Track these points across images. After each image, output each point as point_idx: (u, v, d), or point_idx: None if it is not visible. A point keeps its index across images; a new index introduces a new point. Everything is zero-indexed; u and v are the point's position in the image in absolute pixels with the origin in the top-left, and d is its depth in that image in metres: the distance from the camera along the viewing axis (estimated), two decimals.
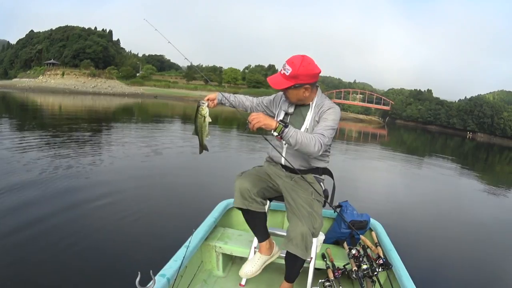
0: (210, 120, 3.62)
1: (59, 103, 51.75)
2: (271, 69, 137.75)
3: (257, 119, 3.14)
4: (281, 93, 3.87)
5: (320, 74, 3.54)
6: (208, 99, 3.87)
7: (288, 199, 3.63)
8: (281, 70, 3.44)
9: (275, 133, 3.16)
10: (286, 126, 3.15)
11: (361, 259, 3.77)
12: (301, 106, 3.68)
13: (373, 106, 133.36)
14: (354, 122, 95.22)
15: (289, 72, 3.35)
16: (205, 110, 3.61)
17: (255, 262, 3.94)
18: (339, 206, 4.75)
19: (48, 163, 11.68)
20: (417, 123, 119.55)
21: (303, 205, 3.46)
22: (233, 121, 35.52)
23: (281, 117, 3.78)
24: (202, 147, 3.75)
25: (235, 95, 4.17)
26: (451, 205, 12.67)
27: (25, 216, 7.17)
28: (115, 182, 10.32)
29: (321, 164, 3.75)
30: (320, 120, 3.47)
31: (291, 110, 3.72)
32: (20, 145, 14.76)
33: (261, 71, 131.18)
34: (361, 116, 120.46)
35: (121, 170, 12.11)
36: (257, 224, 3.93)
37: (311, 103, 3.60)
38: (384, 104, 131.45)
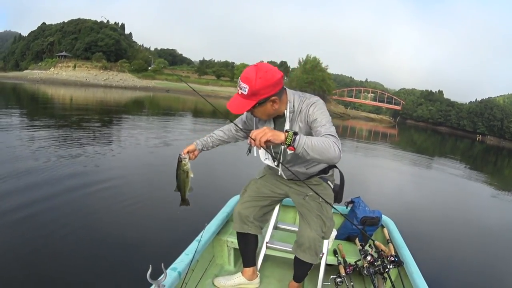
0: (193, 175, 3.42)
1: (70, 95, 52.00)
2: (283, 65, 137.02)
3: (262, 132, 2.58)
4: None
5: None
6: (188, 152, 3.62)
7: (296, 203, 3.62)
8: (238, 90, 2.96)
9: (286, 144, 2.58)
10: (296, 133, 2.59)
11: (372, 255, 3.75)
12: (280, 117, 3.24)
13: (384, 105, 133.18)
14: (365, 121, 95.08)
15: (246, 90, 2.87)
16: (187, 165, 3.45)
17: (232, 278, 4.00)
18: (352, 202, 4.74)
19: (57, 151, 11.78)
20: (427, 124, 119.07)
21: (311, 209, 3.44)
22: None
23: None
24: (184, 202, 3.52)
25: (211, 134, 3.81)
26: (461, 206, 12.74)
27: (32, 204, 7.21)
28: (124, 173, 10.38)
29: (323, 164, 3.49)
30: (311, 122, 3.01)
31: (271, 127, 3.17)
32: (30, 134, 14.90)
33: None
34: (372, 115, 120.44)
35: (130, 161, 12.19)
36: (249, 247, 3.94)
37: (285, 111, 3.14)
38: (395, 104, 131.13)
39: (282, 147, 3.13)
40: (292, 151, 2.61)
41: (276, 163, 3.48)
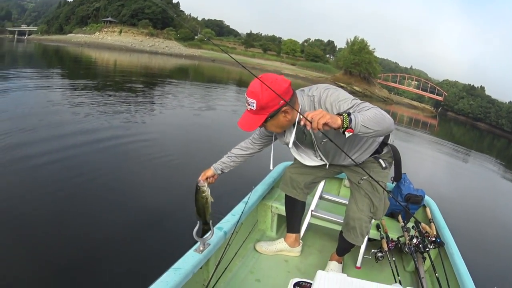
0: (213, 200, 3.26)
1: (114, 58, 52.61)
2: (330, 44, 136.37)
3: (320, 114, 2.39)
4: None
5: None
6: (206, 178, 3.47)
7: (349, 180, 3.55)
8: (246, 106, 2.82)
9: (343, 128, 2.43)
10: (349, 114, 2.45)
11: (414, 233, 3.75)
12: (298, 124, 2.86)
13: (426, 94, 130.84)
14: (407, 107, 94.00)
15: (254, 105, 2.73)
16: (206, 193, 3.29)
17: (274, 244, 4.02)
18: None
19: (98, 107, 12.02)
20: (467, 118, 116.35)
21: (361, 188, 3.36)
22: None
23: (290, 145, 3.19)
24: (207, 225, 3.24)
25: (229, 155, 3.60)
26: (498, 197, 12.87)
27: (71, 152, 7.57)
28: (168, 131, 10.76)
29: (375, 143, 3.31)
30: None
31: (289, 138, 3.09)
32: (70, 91, 15.33)
33: (320, 46, 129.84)
34: (415, 103, 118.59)
35: (175, 120, 12.51)
36: (296, 212, 3.92)
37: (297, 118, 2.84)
38: (437, 94, 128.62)
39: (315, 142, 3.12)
40: (351, 133, 2.45)
41: (319, 158, 3.39)
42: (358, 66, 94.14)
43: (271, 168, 3.41)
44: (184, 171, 7.53)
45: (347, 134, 2.46)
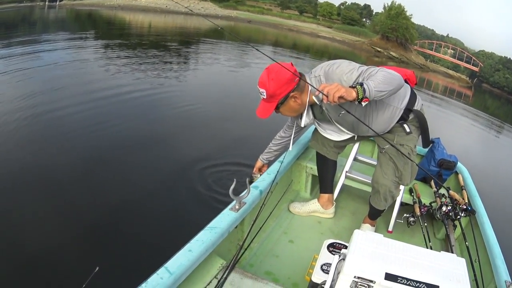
0: None
1: (149, 20, 52.51)
2: (366, 8, 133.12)
3: (336, 87, 2.54)
4: None
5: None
6: (260, 171, 3.97)
7: (377, 145, 3.55)
8: (260, 95, 3.10)
9: (359, 99, 2.58)
10: (361, 84, 2.59)
11: (446, 200, 3.73)
12: (313, 105, 3.30)
13: (462, 64, 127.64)
14: (443, 76, 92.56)
15: (264, 94, 3.02)
16: None
17: (308, 204, 4.07)
18: (431, 142, 4.58)
19: (132, 64, 12.11)
20: (502, 92, 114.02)
21: (388, 152, 3.36)
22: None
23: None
24: None
25: (270, 145, 3.97)
26: None
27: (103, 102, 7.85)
28: (205, 85, 10.65)
29: (398, 111, 3.26)
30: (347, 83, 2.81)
31: (308, 119, 3.35)
32: (105, 52, 15.43)
33: (356, 9, 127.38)
34: (450, 72, 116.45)
35: (211, 77, 12.57)
36: (327, 171, 3.96)
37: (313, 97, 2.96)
38: (473, 65, 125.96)
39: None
40: (367, 102, 2.64)
41: (345, 131, 3.52)
42: (395, 32, 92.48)
43: (290, 149, 3.76)
44: (224, 128, 7.61)
45: (363, 104, 2.65)
